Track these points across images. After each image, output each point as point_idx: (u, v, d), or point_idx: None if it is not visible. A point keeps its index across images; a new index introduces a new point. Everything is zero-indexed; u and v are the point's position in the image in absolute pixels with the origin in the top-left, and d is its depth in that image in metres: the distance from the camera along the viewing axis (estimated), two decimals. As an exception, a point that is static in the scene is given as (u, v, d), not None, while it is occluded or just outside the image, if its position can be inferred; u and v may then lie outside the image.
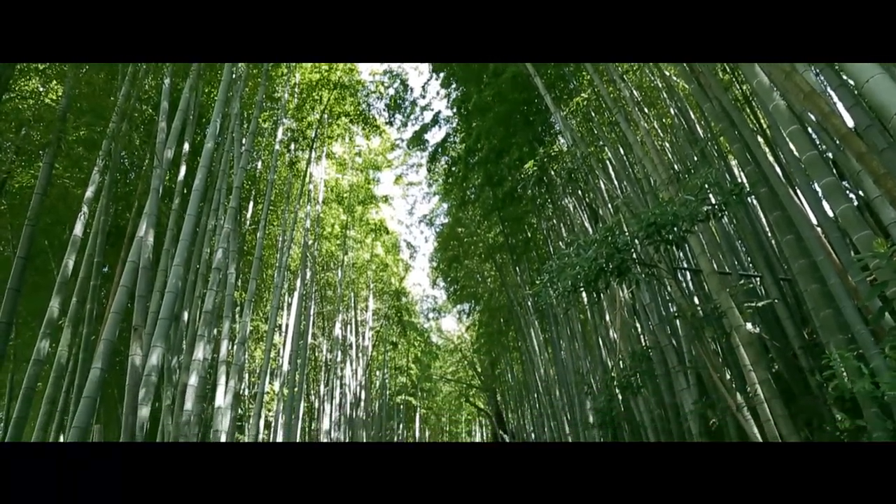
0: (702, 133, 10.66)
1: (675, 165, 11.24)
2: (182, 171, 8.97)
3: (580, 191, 13.07)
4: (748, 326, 6.08)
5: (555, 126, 13.34)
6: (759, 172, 6.45)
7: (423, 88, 47.32)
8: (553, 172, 12.99)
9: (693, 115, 10.70)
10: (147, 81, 10.84)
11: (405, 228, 52.80)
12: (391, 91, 17.26)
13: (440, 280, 24.71)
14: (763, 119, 9.63)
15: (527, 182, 12.74)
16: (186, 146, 9.35)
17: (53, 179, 9.77)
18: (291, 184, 15.79)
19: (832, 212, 5.19)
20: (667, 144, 12.27)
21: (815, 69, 5.52)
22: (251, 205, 14.32)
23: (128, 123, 9.56)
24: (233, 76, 10.12)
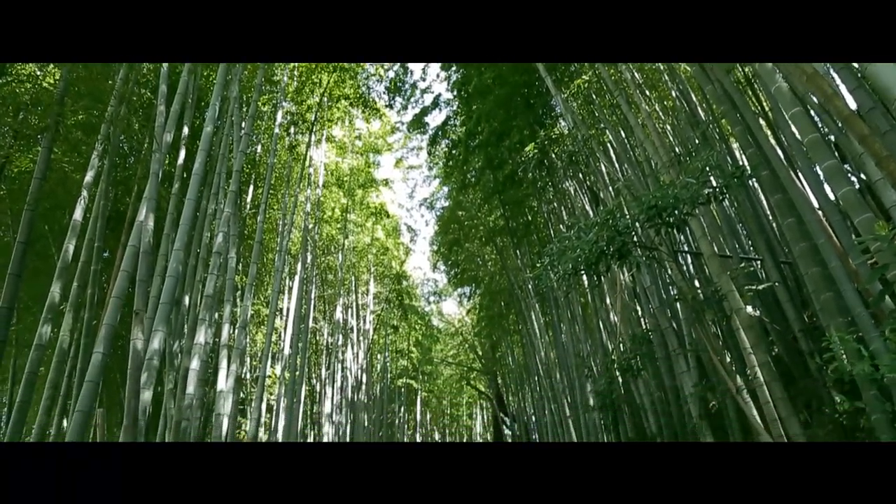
0: (703, 115, 10.61)
1: (677, 148, 11.20)
2: (182, 155, 8.94)
3: (581, 174, 13.03)
4: (748, 309, 6.09)
5: (556, 109, 13.28)
6: (761, 155, 6.42)
7: (424, 71, 47.16)
8: (554, 155, 12.94)
9: (695, 98, 10.64)
10: (145, 65, 10.77)
11: (406, 212, 52.90)
12: (391, 74, 17.16)
13: (441, 263, 24.71)
14: (765, 101, 9.58)
15: (527, 165, 12.69)
16: (186, 130, 9.31)
17: (52, 164, 9.74)
18: (291, 167, 15.74)
19: (833, 195, 5.17)
20: (668, 127, 12.21)
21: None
22: (251, 189, 14.28)
23: (126, 107, 9.51)
24: (231, 59, 10.03)
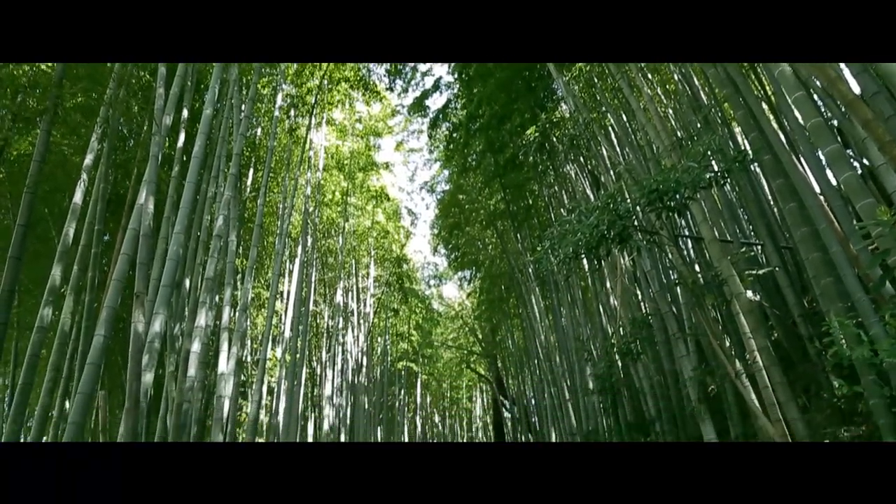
0: (705, 99, 10.55)
1: (679, 132, 11.15)
2: (181, 138, 8.90)
3: (582, 158, 12.98)
4: (748, 294, 6.10)
5: (557, 92, 13.20)
6: (763, 139, 6.38)
7: (424, 54, 46.62)
8: (555, 139, 12.89)
9: (697, 81, 10.58)
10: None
11: (406, 195, 52.75)
12: (392, 56, 17.01)
13: (441, 247, 24.69)
14: (768, 85, 9.51)
15: (528, 148, 12.64)
16: (185, 112, 9.26)
17: (51, 147, 9.70)
18: (291, 151, 15.68)
19: (836, 180, 5.16)
20: (670, 111, 12.16)
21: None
22: (251, 172, 14.24)
23: (125, 90, 9.44)
24: (231, 41, 9.95)
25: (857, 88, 4.59)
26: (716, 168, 6.10)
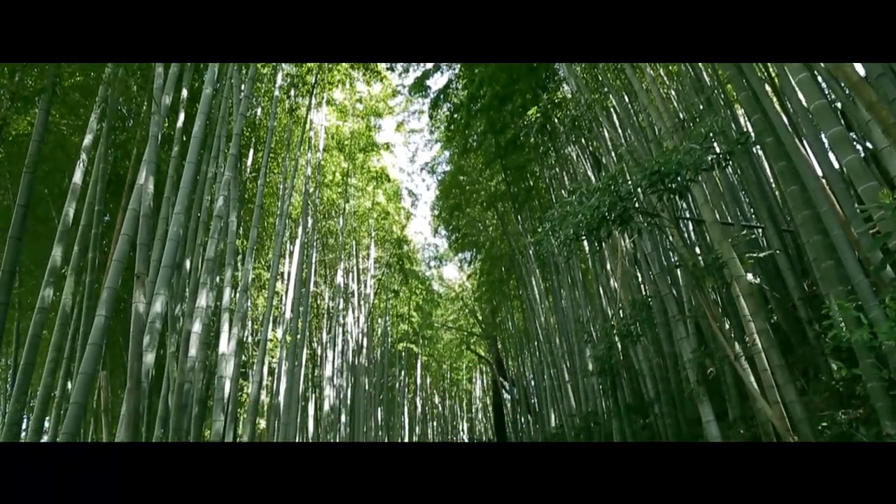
0: (708, 81, 10.48)
1: (681, 113, 11.09)
2: (181, 118, 8.85)
3: (583, 139, 12.92)
4: (749, 277, 6.09)
5: (559, 73, 13.09)
6: (766, 121, 6.34)
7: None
8: (556, 120, 12.82)
9: (700, 63, 10.49)
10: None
11: (407, 176, 52.72)
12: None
13: (442, 228, 24.66)
14: (771, 66, 9.43)
15: (530, 129, 12.59)
16: (185, 92, 9.20)
17: (50, 126, 9.65)
18: (292, 131, 15.61)
19: (838, 163, 5.13)
20: (672, 92, 12.08)
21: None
22: (251, 152, 14.18)
23: (124, 69, 9.38)
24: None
25: (862, 70, 4.56)
26: (718, 150, 6.06)
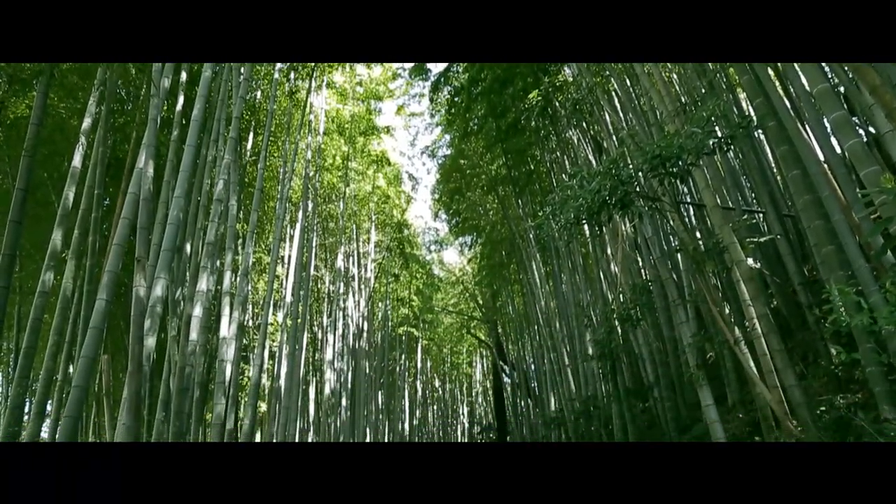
0: (711, 64, 10.40)
1: (683, 97, 11.03)
2: (180, 101, 8.80)
3: (585, 123, 12.87)
4: (749, 261, 6.10)
5: (560, 55, 12.99)
6: (768, 105, 6.30)
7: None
8: (557, 104, 12.75)
9: (703, 45, 10.40)
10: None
11: (407, 160, 52.44)
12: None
13: (442, 212, 24.61)
14: (775, 49, 9.35)
15: (531, 113, 12.52)
16: (184, 75, 9.14)
17: (49, 110, 9.60)
18: (291, 114, 15.54)
19: (840, 147, 5.10)
20: (675, 76, 12.00)
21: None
22: (251, 136, 14.14)
23: (122, 51, 9.30)
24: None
25: (866, 53, 4.52)
26: (719, 134, 6.04)
